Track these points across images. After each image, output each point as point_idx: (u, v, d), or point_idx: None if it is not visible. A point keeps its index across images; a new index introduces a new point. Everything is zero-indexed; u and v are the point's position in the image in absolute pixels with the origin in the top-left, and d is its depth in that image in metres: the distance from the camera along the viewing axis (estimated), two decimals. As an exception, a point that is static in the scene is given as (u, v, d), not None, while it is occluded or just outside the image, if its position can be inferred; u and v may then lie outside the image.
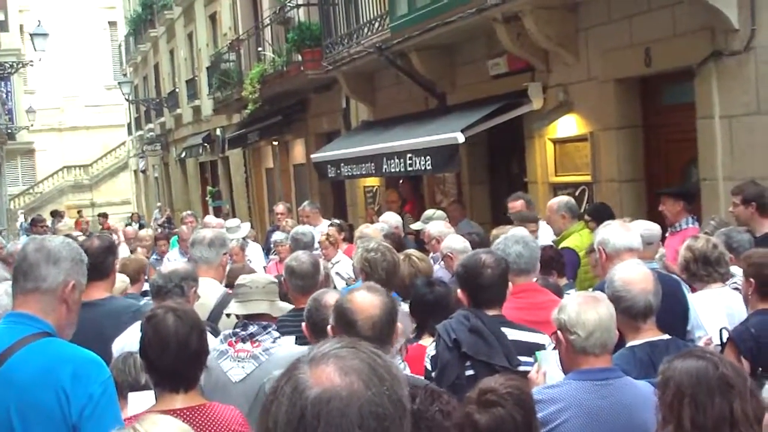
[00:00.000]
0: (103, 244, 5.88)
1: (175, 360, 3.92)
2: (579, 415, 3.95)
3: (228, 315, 5.59)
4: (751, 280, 5.31)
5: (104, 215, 31.47)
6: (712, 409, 3.24)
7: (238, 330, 5.14)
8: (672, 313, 5.02)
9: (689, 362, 3.34)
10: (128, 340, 5.20)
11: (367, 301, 3.85)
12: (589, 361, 4.08)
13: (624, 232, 5.86)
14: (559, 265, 7.56)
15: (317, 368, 1.79)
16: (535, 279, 6.10)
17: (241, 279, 5.48)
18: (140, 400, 4.17)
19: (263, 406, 1.83)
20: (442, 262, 8.06)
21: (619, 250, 5.70)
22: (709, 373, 3.30)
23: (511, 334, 4.94)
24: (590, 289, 5.50)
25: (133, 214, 36.19)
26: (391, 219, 11.15)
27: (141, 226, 23.25)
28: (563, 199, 9.07)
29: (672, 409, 3.30)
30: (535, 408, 3.61)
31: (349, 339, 1.92)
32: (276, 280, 5.64)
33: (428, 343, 5.27)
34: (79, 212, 41.52)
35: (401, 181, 15.91)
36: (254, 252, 12.58)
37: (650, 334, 4.61)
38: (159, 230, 20.44)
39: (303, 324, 4.86)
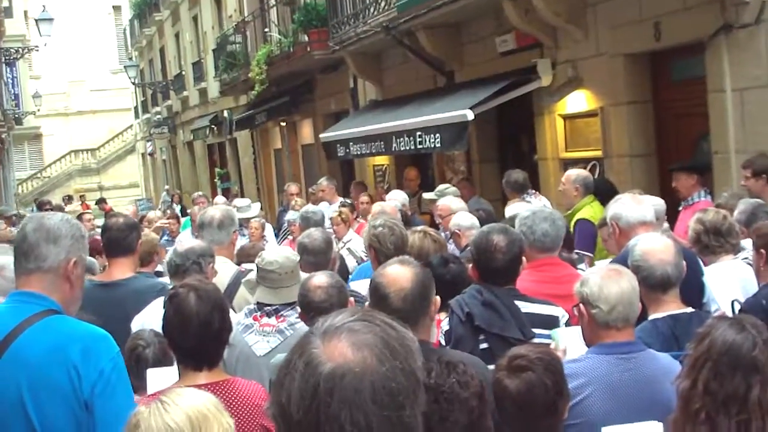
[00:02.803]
0: (127, 221, 6.10)
1: (197, 339, 3.93)
2: (602, 389, 3.92)
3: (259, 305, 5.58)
4: (762, 251, 5.25)
5: (103, 200, 31.46)
6: (729, 383, 3.20)
7: (263, 304, 5.17)
8: (688, 285, 5.00)
9: (732, 329, 3.27)
10: (147, 318, 5.23)
11: (399, 274, 3.84)
12: (612, 335, 4.05)
13: (636, 205, 5.79)
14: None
15: (330, 343, 1.79)
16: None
17: (267, 263, 5.34)
18: (160, 377, 4.17)
19: (276, 380, 1.84)
20: (452, 239, 8.07)
21: (633, 224, 5.65)
22: (741, 349, 3.22)
23: (525, 307, 4.91)
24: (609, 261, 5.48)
25: (174, 195, 33.95)
26: (399, 196, 11.16)
27: (183, 209, 22.56)
28: (582, 173, 8.87)
29: (694, 366, 3.26)
30: (564, 374, 3.62)
31: (363, 310, 1.92)
32: (297, 256, 5.65)
33: (443, 317, 5.26)
34: (81, 197, 41.49)
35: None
36: (267, 232, 12.61)
37: (673, 307, 4.58)
38: (168, 211, 20.27)
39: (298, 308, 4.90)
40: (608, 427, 3.65)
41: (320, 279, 4.79)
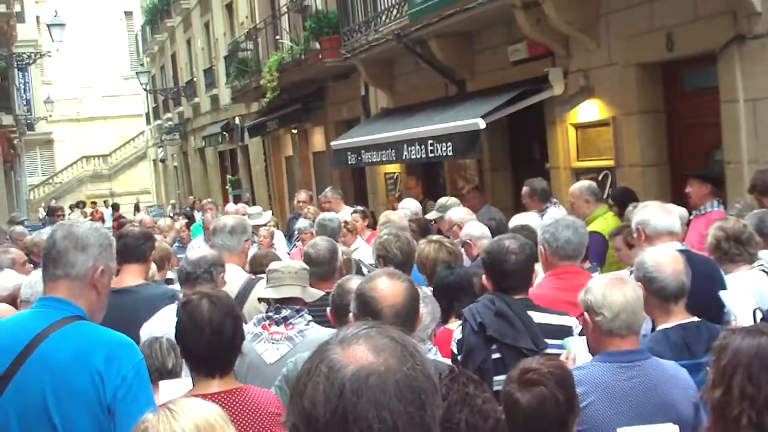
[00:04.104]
0: (142, 230, 6.41)
1: (210, 346, 3.95)
2: (604, 397, 3.94)
3: (260, 300, 5.64)
4: None
5: (116, 206, 31.48)
6: (766, 384, 3.21)
7: (271, 313, 5.21)
8: (709, 294, 4.98)
9: (752, 335, 3.28)
10: (156, 325, 5.26)
11: (391, 288, 3.81)
12: (615, 343, 4.06)
13: (665, 214, 5.76)
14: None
15: (349, 348, 1.82)
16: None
17: (274, 265, 5.55)
18: (173, 388, 4.18)
19: (294, 389, 1.85)
20: (463, 249, 8.06)
21: (660, 232, 5.61)
22: None
23: (537, 317, 4.93)
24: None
25: (194, 201, 30.13)
26: (411, 205, 11.14)
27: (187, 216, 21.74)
28: (585, 183, 9.03)
29: (724, 374, 3.23)
30: (575, 388, 3.62)
31: (373, 321, 1.96)
32: (308, 267, 5.68)
33: (454, 327, 5.28)
34: (93, 203, 41.60)
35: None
36: (278, 239, 12.62)
37: (681, 317, 4.58)
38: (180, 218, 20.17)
39: (328, 309, 4.89)
40: (623, 428, 3.66)
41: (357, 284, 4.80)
